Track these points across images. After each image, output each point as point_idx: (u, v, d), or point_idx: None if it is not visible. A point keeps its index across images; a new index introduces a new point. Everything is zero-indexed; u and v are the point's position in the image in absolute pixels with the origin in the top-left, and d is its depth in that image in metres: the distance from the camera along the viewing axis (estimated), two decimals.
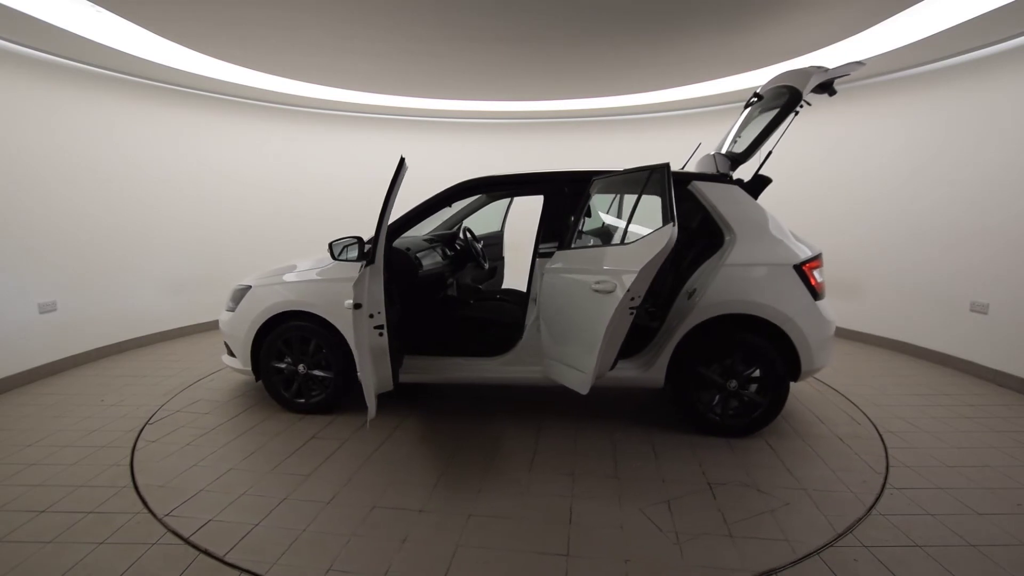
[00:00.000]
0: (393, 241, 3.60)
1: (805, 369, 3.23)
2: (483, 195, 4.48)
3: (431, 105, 6.90)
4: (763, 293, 3.19)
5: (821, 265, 3.34)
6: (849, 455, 3.12)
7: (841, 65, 3.12)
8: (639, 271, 2.48)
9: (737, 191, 3.33)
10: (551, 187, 3.49)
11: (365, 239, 3.37)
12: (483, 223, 5.08)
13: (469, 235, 4.66)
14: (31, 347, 4.48)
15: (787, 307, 3.17)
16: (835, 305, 3.78)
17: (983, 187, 4.50)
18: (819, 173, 5.90)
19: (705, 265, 3.31)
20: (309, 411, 3.71)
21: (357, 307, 2.76)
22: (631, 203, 2.93)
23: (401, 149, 6.90)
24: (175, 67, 5.10)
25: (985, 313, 4.48)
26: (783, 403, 3.29)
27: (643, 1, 3.58)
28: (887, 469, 2.94)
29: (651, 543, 2.31)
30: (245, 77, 5.56)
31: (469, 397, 4.06)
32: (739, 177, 3.44)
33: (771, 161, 3.43)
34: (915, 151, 5.07)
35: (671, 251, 2.46)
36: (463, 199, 4.06)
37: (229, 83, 5.69)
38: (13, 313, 4.36)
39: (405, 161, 2.97)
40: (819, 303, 3.24)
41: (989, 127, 4.45)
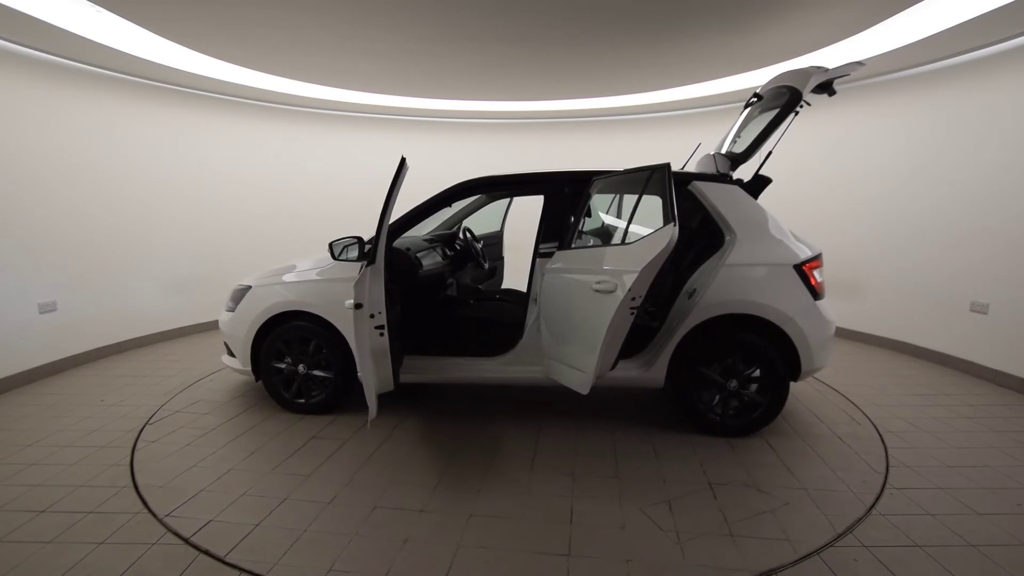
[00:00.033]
0: (393, 241, 3.59)
1: (805, 369, 3.24)
2: (483, 195, 4.48)
3: (431, 105, 6.90)
4: (763, 293, 3.20)
5: (821, 265, 3.35)
6: (849, 455, 3.12)
7: (841, 65, 3.12)
8: (640, 271, 2.48)
9: (737, 191, 3.33)
10: (551, 187, 3.49)
11: (365, 239, 3.37)
12: (483, 223, 5.08)
13: (469, 235, 4.66)
14: (31, 347, 4.48)
15: (787, 307, 3.17)
16: (835, 305, 3.78)
17: (983, 187, 4.50)
18: (819, 173, 5.90)
19: (705, 265, 3.31)
20: (309, 411, 3.71)
21: (358, 307, 2.76)
22: (631, 203, 2.93)
23: (401, 149, 6.89)
24: (175, 67, 5.10)
25: (985, 313, 4.49)
26: (783, 403, 3.29)
27: (643, 1, 3.58)
28: (887, 469, 2.94)
29: (652, 543, 2.31)
30: (245, 77, 5.56)
31: (469, 397, 4.05)
32: (739, 177, 3.44)
33: (771, 161, 3.43)
34: (915, 151, 5.08)
35: (671, 251, 2.46)
36: (463, 199, 4.06)
37: (229, 83, 5.69)
38: (13, 313, 4.36)
39: (406, 161, 2.97)
40: (819, 303, 3.25)
41: (989, 127, 4.45)
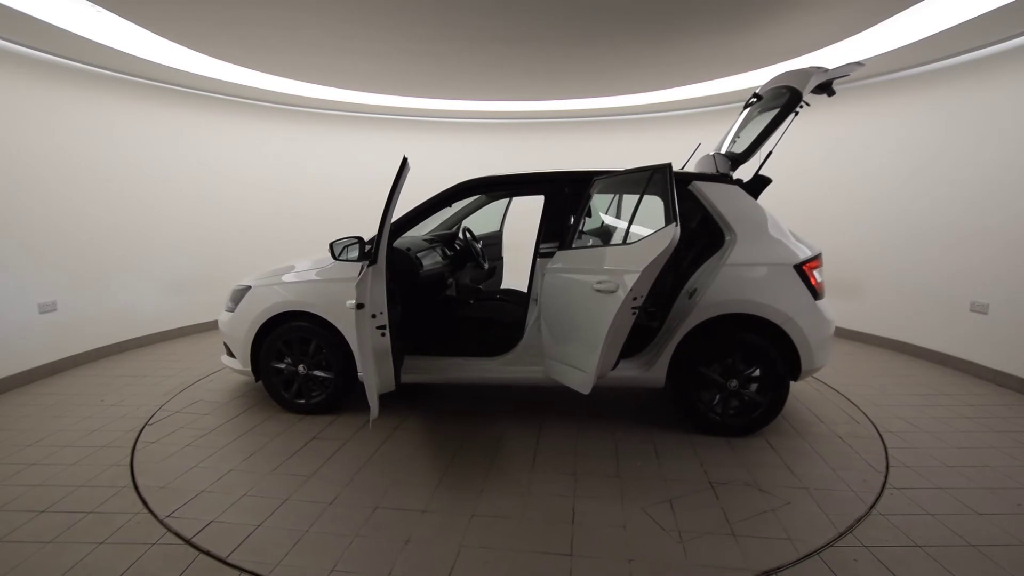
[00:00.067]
0: (393, 241, 3.60)
1: (805, 368, 3.24)
2: (482, 195, 4.47)
3: (431, 105, 6.90)
4: (763, 293, 3.20)
5: (821, 265, 3.35)
6: (849, 454, 3.12)
7: (841, 66, 3.12)
8: (642, 271, 2.48)
9: (737, 191, 3.34)
10: (552, 187, 3.48)
11: (365, 239, 3.37)
12: (482, 223, 5.08)
13: (469, 235, 4.66)
14: (31, 347, 4.47)
15: (787, 307, 3.18)
16: (835, 305, 3.78)
17: (983, 187, 4.50)
18: (819, 173, 5.91)
19: (706, 265, 3.31)
20: (309, 412, 3.71)
21: (360, 307, 2.76)
22: (632, 203, 2.93)
23: (401, 149, 6.89)
24: (175, 67, 5.09)
25: (985, 313, 4.49)
26: (783, 402, 3.30)
27: (643, 1, 3.58)
28: (887, 469, 2.95)
29: (654, 542, 2.31)
30: (245, 77, 5.55)
31: (469, 397, 4.05)
32: (739, 177, 3.44)
33: (771, 161, 3.43)
34: (915, 151, 5.08)
35: (672, 251, 2.46)
36: (463, 199, 4.06)
37: (229, 83, 5.68)
38: (13, 313, 4.35)
39: (408, 161, 2.97)
40: (819, 303, 3.25)
41: (989, 127, 4.45)
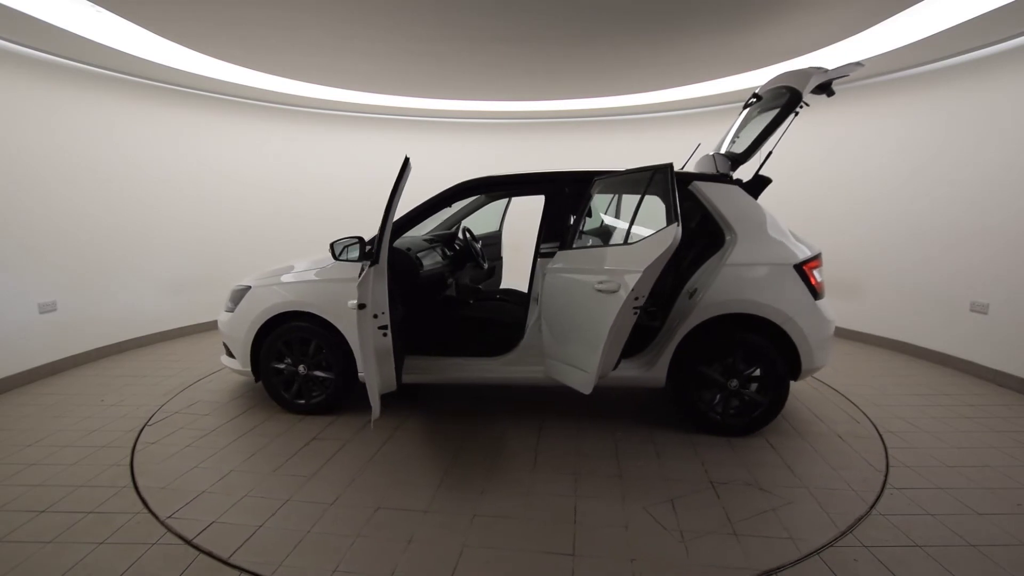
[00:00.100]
0: (393, 241, 3.59)
1: (805, 368, 3.24)
2: (482, 195, 4.47)
3: (431, 105, 6.90)
4: (764, 293, 3.20)
5: (821, 265, 3.35)
6: (849, 453, 3.13)
7: (841, 66, 3.13)
8: (643, 271, 2.48)
9: (737, 191, 3.34)
10: (552, 187, 3.48)
11: (366, 239, 3.36)
12: (482, 223, 5.08)
13: (468, 235, 4.66)
14: (31, 347, 4.47)
15: (787, 306, 3.18)
16: (835, 305, 3.78)
17: (983, 187, 4.51)
18: (819, 173, 5.91)
19: (706, 265, 3.31)
20: (309, 412, 3.71)
21: (361, 307, 2.76)
22: (632, 203, 2.93)
23: (401, 149, 6.87)
24: (175, 67, 5.09)
25: (985, 313, 4.49)
26: (783, 402, 3.30)
27: (643, 1, 3.58)
28: (887, 469, 2.95)
29: (656, 542, 2.31)
30: (245, 77, 5.55)
31: (470, 397, 4.05)
32: (738, 177, 3.44)
33: (771, 161, 3.43)
34: (915, 151, 5.08)
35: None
36: (464, 199, 4.06)
37: (229, 83, 5.68)
38: (13, 313, 4.35)
39: (410, 161, 2.97)
40: (819, 302, 3.25)
41: (989, 127, 4.46)
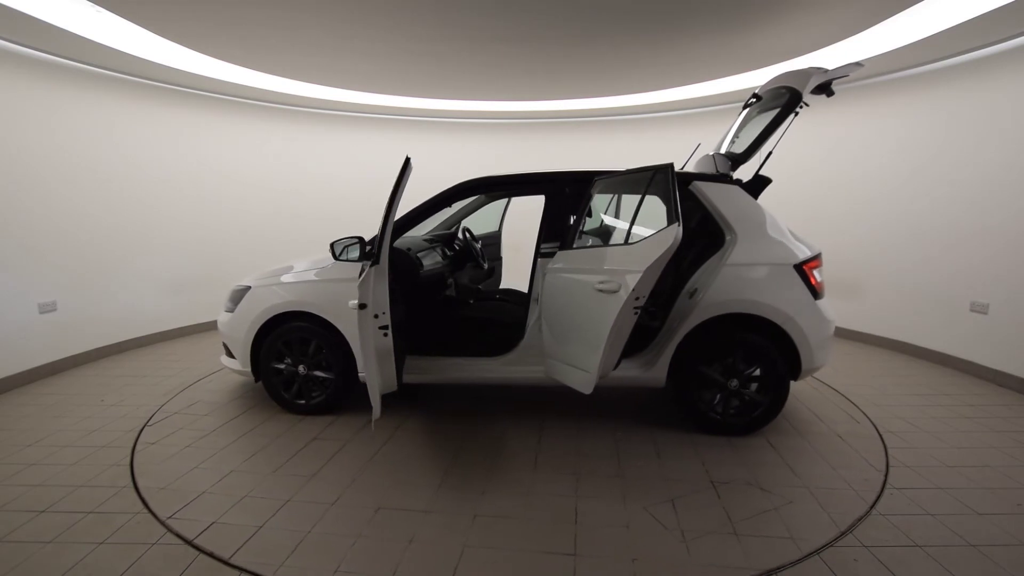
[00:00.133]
0: (394, 241, 3.59)
1: (805, 368, 3.24)
2: (482, 195, 4.47)
3: (431, 105, 6.90)
4: (764, 292, 3.20)
5: (821, 265, 3.36)
6: (849, 453, 3.13)
7: (840, 66, 3.13)
8: (644, 271, 2.48)
9: (738, 191, 3.34)
10: (553, 187, 3.48)
11: (366, 239, 3.36)
12: (481, 223, 5.08)
13: (468, 235, 4.65)
14: (31, 347, 4.47)
15: (788, 306, 3.18)
16: (835, 305, 3.79)
17: (983, 187, 4.51)
18: (819, 173, 5.91)
19: (706, 265, 3.31)
20: (310, 412, 3.70)
21: (362, 307, 2.76)
22: (633, 203, 2.93)
23: (401, 149, 6.85)
24: (175, 67, 5.08)
25: (985, 313, 4.49)
26: (784, 402, 3.30)
27: (643, 1, 3.58)
28: (887, 469, 2.95)
29: (658, 542, 2.31)
30: (245, 77, 5.55)
31: (469, 397, 4.05)
32: (738, 177, 3.45)
33: (771, 161, 3.44)
34: (915, 151, 5.08)
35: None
36: (463, 199, 4.06)
37: (229, 83, 5.68)
38: (13, 313, 4.35)
39: (411, 161, 2.96)
40: (819, 302, 3.26)
41: (989, 127, 4.46)
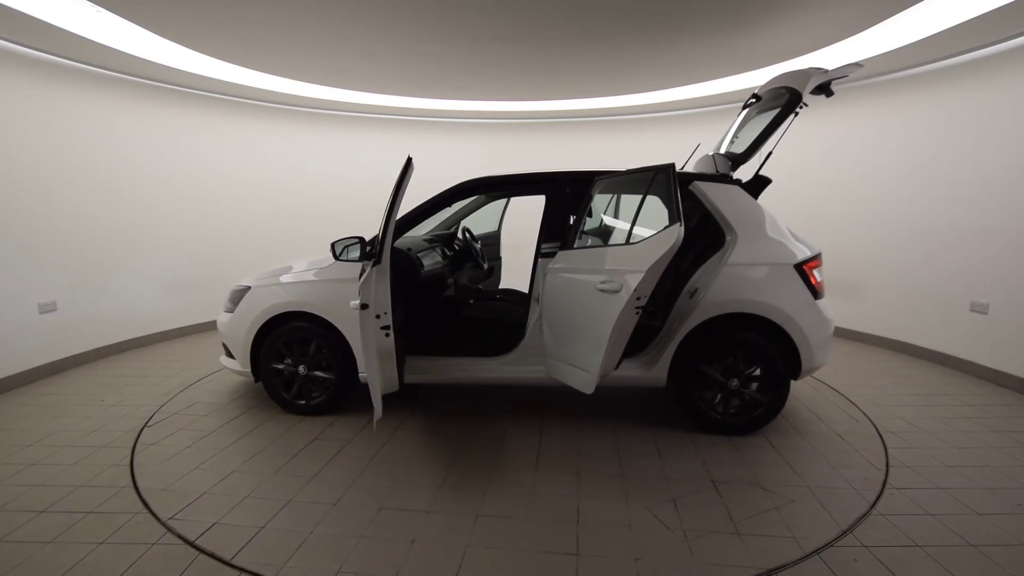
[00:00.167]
0: (394, 242, 3.59)
1: (805, 367, 3.25)
2: (481, 195, 4.46)
3: (431, 105, 6.89)
4: (764, 292, 3.21)
5: (820, 264, 3.36)
6: (850, 452, 3.14)
7: (840, 66, 3.13)
8: (646, 271, 2.48)
9: (738, 191, 3.34)
10: (553, 187, 3.49)
11: (366, 239, 3.36)
12: (480, 223, 5.07)
13: (468, 235, 4.65)
14: (31, 347, 4.46)
15: (788, 306, 3.19)
16: (835, 305, 3.79)
17: (983, 187, 4.51)
18: (819, 173, 5.91)
19: (707, 265, 3.32)
20: (310, 413, 3.70)
21: (364, 307, 2.75)
22: (633, 203, 2.93)
23: (401, 149, 6.85)
24: (175, 67, 5.08)
25: (985, 313, 4.50)
26: (784, 401, 3.31)
27: (643, 1, 3.58)
28: (887, 469, 2.95)
29: (660, 541, 2.32)
30: (245, 77, 5.54)
31: (469, 397, 4.05)
32: (738, 177, 3.45)
33: (771, 161, 3.44)
34: (915, 151, 5.09)
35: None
36: (464, 199, 4.06)
37: (229, 83, 5.67)
38: (13, 313, 4.34)
39: (412, 161, 2.96)
40: (819, 302, 3.26)
41: (989, 127, 4.46)
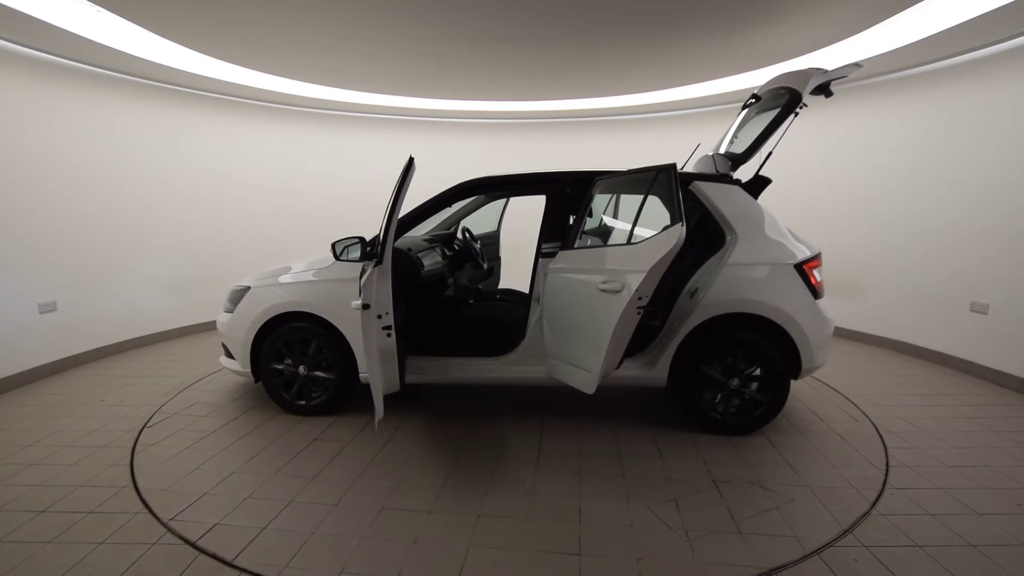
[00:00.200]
0: (395, 242, 3.59)
1: (805, 367, 3.25)
2: (481, 195, 4.46)
3: (431, 105, 6.89)
4: (764, 292, 3.21)
5: (820, 264, 3.36)
6: (850, 452, 3.14)
7: (840, 67, 3.13)
8: (648, 271, 2.48)
9: (738, 192, 3.34)
10: (554, 187, 3.49)
11: (367, 239, 3.36)
12: (480, 223, 5.07)
13: (468, 235, 4.65)
14: (31, 347, 4.46)
15: (788, 306, 3.19)
16: (835, 305, 3.79)
17: (983, 187, 4.51)
18: (819, 173, 5.91)
19: (707, 265, 3.32)
20: (310, 413, 3.70)
21: (365, 308, 2.75)
22: (633, 203, 2.93)
23: (401, 149, 6.88)
24: (175, 67, 5.08)
25: (985, 313, 4.50)
26: (784, 401, 3.31)
27: (643, 1, 3.59)
28: (887, 469, 2.95)
29: (661, 541, 2.32)
30: (245, 77, 5.54)
31: (470, 397, 4.05)
32: (738, 177, 3.45)
33: (771, 161, 3.44)
34: (915, 151, 5.09)
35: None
36: (464, 199, 4.05)
37: (229, 83, 5.67)
38: (13, 313, 4.34)
39: (414, 161, 2.96)
40: (819, 302, 3.26)
41: (989, 127, 4.46)
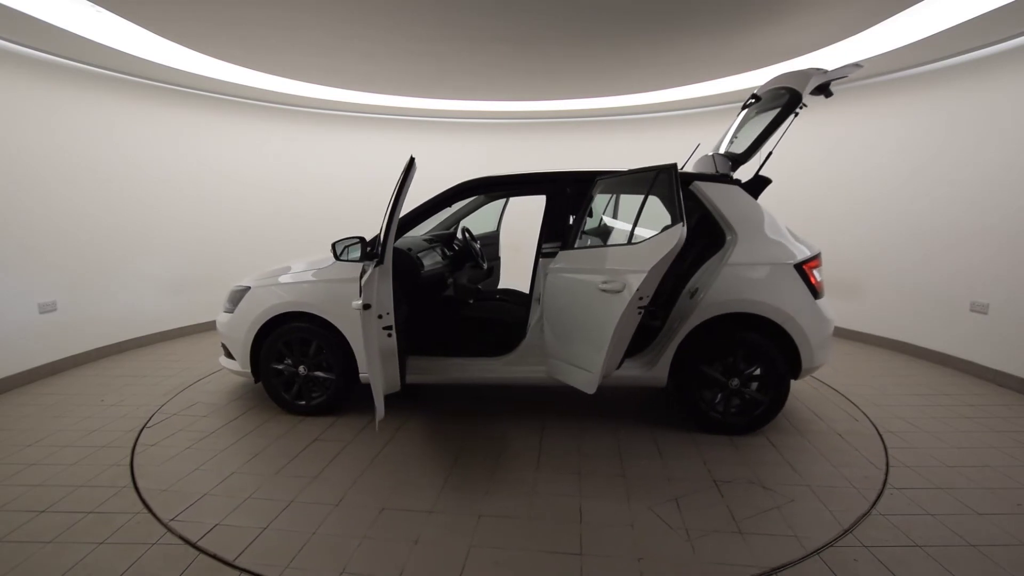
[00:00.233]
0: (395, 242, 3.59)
1: (805, 367, 3.25)
2: (481, 195, 4.45)
3: (431, 105, 6.89)
4: (764, 292, 3.21)
5: (820, 264, 3.37)
6: (850, 451, 3.14)
7: (840, 67, 3.14)
8: (648, 271, 2.49)
9: (738, 192, 3.35)
10: (554, 187, 3.49)
11: (367, 239, 3.35)
12: (479, 223, 5.07)
13: (468, 235, 4.65)
14: (31, 347, 4.46)
15: (788, 306, 3.19)
16: (835, 305, 3.79)
17: (983, 187, 4.52)
18: (819, 173, 5.92)
19: (707, 264, 3.32)
20: (310, 413, 3.70)
21: (366, 308, 2.75)
22: (633, 203, 2.93)
23: (401, 149, 6.88)
24: (175, 67, 5.08)
25: (985, 313, 4.50)
26: (784, 401, 3.31)
27: (643, 1, 3.59)
28: (887, 469, 2.95)
29: (663, 540, 2.32)
30: (245, 77, 5.54)
31: (470, 397, 4.05)
32: (738, 178, 3.45)
33: (771, 161, 3.45)
34: (915, 151, 5.09)
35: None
36: (464, 199, 4.05)
37: (229, 83, 5.67)
38: (13, 313, 4.34)
39: (415, 161, 2.96)
40: (819, 302, 3.27)
41: (989, 127, 4.46)
